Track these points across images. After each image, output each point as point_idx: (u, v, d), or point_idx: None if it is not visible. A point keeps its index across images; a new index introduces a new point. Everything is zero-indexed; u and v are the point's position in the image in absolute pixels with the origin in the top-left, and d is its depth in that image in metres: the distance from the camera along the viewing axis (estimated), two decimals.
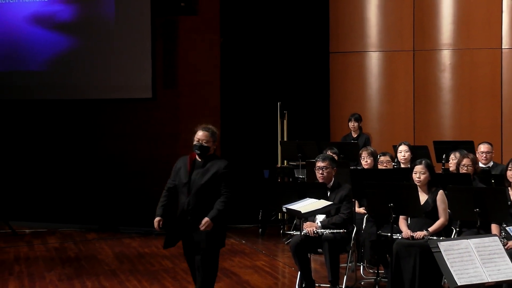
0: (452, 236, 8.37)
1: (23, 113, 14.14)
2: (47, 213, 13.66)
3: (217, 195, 7.28)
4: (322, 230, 8.47)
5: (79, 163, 13.79)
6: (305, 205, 8.13)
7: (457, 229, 8.57)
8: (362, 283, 9.16)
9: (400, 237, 8.26)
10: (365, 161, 10.16)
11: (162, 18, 13.17)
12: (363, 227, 9.26)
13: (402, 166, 10.21)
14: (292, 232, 9.31)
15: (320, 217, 8.60)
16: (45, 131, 13.99)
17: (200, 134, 7.39)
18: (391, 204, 8.13)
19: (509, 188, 8.02)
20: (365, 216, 9.29)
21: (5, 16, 14.02)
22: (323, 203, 8.21)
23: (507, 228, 6.85)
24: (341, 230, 8.50)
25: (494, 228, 7.96)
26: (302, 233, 8.35)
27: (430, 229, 8.21)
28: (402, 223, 8.44)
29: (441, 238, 7.85)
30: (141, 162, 13.36)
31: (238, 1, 13.87)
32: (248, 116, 13.91)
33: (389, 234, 8.33)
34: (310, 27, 14.10)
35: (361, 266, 9.46)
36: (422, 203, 8.27)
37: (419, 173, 8.38)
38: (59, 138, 13.90)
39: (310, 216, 8.40)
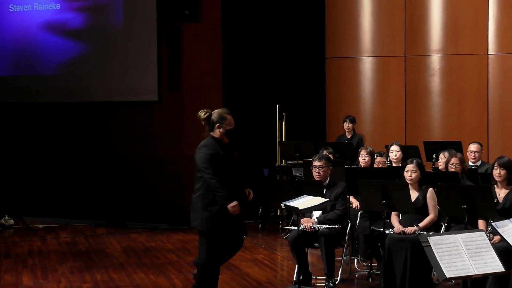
0: (441, 231, 8.37)
1: (37, 115, 14.15)
2: (59, 209, 13.66)
3: None
4: (319, 226, 8.48)
5: (89, 162, 13.79)
6: (303, 202, 8.12)
7: (446, 224, 8.58)
8: (356, 275, 9.16)
9: (392, 232, 8.25)
10: (363, 159, 10.15)
11: (167, 25, 13.17)
12: (357, 222, 9.26)
13: (394, 165, 10.20)
14: (290, 227, 9.29)
15: (316, 213, 8.60)
16: (57, 131, 14.00)
17: (232, 119, 7.31)
18: (384, 201, 8.13)
19: (495, 186, 8.02)
20: (359, 212, 9.30)
21: (20, 23, 14.03)
22: (319, 200, 8.20)
23: (493, 223, 6.84)
24: (336, 226, 8.50)
25: (481, 223, 7.96)
26: (300, 228, 8.35)
27: (421, 224, 8.21)
28: (394, 218, 8.44)
29: (430, 233, 7.85)
30: (147, 161, 13.37)
31: (239, 10, 13.87)
32: (249, 117, 13.90)
33: (381, 229, 8.32)
34: (307, 34, 14.10)
35: (355, 259, 9.46)
36: (413, 200, 8.26)
37: (410, 172, 8.39)
38: (70, 138, 13.91)
39: (307, 212, 8.40)
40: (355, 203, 9.54)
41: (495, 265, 5.55)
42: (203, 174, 7.20)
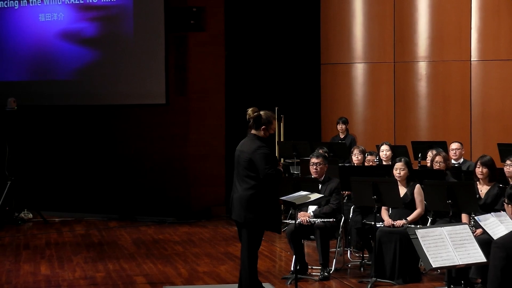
0: (428, 224, 8.39)
1: (52, 117, 14.14)
2: (74, 204, 13.65)
3: None
4: (314, 219, 8.49)
5: (102, 161, 13.79)
6: (299, 197, 8.12)
7: (432, 218, 8.59)
8: (349, 265, 9.16)
9: (382, 225, 8.27)
10: (356, 157, 10.18)
11: (174, 34, 13.17)
12: (350, 216, 9.26)
13: (384, 163, 10.21)
14: (288, 221, 9.29)
15: (312, 208, 8.61)
16: (72, 132, 13.99)
17: (275, 125, 7.20)
18: (375, 197, 8.14)
19: (477, 182, 8.04)
20: (352, 207, 9.30)
21: (38, 32, 14.02)
22: (315, 195, 8.18)
23: (475, 217, 6.85)
24: (330, 219, 8.51)
25: (464, 217, 7.98)
26: (297, 222, 8.35)
27: (409, 218, 8.23)
28: (384, 213, 8.46)
29: (418, 226, 7.87)
30: (155, 160, 13.37)
31: (240, 20, 13.87)
32: None
33: (372, 223, 8.34)
34: (303, 42, 14.10)
35: (348, 250, 9.46)
36: (401, 195, 8.28)
37: (399, 169, 8.40)
38: (85, 138, 13.91)
39: (304, 206, 8.40)
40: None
41: (477, 256, 5.56)
42: (264, 173, 6.89)
